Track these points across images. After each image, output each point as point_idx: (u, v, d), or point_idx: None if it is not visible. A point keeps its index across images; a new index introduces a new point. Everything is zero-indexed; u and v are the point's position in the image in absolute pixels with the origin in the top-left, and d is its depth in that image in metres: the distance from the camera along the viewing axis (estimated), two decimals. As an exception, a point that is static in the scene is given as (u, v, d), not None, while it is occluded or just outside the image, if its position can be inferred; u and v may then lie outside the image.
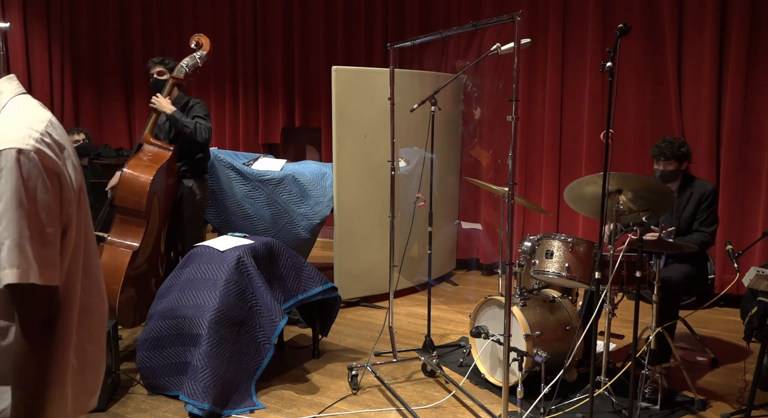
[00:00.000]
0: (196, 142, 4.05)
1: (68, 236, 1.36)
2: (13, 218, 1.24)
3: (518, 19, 2.47)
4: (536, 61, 5.40)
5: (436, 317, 4.55)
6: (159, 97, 4.02)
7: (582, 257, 3.17)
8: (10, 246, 1.24)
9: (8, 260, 1.23)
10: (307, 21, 6.52)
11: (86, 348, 1.48)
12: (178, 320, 3.24)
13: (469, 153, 5.74)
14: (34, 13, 7.03)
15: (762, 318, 3.50)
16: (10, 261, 1.24)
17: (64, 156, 1.36)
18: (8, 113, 1.34)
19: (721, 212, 4.68)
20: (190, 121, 3.97)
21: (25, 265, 1.24)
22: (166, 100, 4.02)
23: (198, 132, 3.95)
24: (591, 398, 2.66)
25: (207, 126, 4.01)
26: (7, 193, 1.23)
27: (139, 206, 3.72)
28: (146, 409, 3.19)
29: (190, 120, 3.99)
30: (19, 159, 1.24)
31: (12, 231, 1.24)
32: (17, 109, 1.35)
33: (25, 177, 1.25)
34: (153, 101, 4.03)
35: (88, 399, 1.51)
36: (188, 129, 3.95)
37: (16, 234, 1.24)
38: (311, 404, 3.28)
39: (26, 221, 1.25)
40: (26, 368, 1.27)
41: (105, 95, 7.48)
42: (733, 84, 4.66)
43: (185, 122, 3.96)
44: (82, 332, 1.45)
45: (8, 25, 6.44)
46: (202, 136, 3.97)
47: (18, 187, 1.24)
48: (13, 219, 1.24)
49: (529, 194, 5.57)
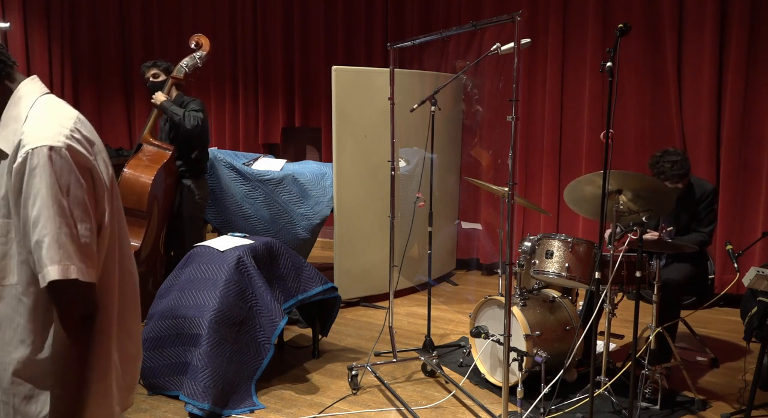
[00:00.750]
0: (196, 140, 4.06)
1: (103, 231, 1.35)
2: (50, 216, 1.23)
3: (518, 19, 2.47)
4: (536, 61, 5.40)
5: (436, 317, 4.55)
6: (157, 94, 4.07)
7: (582, 257, 3.17)
8: (50, 243, 1.23)
9: (49, 256, 1.23)
10: (307, 21, 6.52)
11: (125, 344, 1.47)
12: (178, 320, 3.24)
13: (469, 153, 5.74)
14: (34, 13, 7.03)
15: (762, 318, 3.50)
16: (51, 258, 1.23)
17: (95, 151, 1.36)
18: (37, 112, 1.33)
19: (721, 212, 4.69)
20: (179, 110, 4.00)
21: (66, 261, 1.23)
22: (161, 94, 4.07)
23: (186, 119, 3.98)
24: (591, 398, 2.66)
25: (197, 116, 4.02)
26: (42, 190, 1.23)
27: (140, 206, 3.73)
28: (146, 409, 3.19)
29: (179, 108, 4.01)
30: (51, 156, 1.24)
31: (51, 228, 1.23)
32: (45, 108, 1.35)
33: (58, 174, 1.24)
34: (153, 99, 4.07)
35: (128, 395, 1.51)
36: (177, 116, 3.98)
37: (54, 231, 1.23)
38: (311, 404, 3.28)
39: (63, 217, 1.24)
40: (65, 365, 1.26)
41: (105, 95, 7.48)
42: (733, 84, 4.66)
43: (174, 110, 3.99)
44: (121, 329, 1.45)
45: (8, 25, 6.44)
46: (190, 123, 3.98)
47: (52, 184, 1.23)
48: (50, 216, 1.23)
49: (529, 194, 5.57)
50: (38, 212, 1.22)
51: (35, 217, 1.23)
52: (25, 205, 1.24)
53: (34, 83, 1.39)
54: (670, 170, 3.44)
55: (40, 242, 1.23)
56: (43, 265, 1.23)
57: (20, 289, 1.30)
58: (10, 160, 1.27)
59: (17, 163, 1.24)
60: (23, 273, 1.30)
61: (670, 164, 3.45)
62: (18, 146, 1.26)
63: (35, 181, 1.23)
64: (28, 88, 1.37)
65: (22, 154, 1.24)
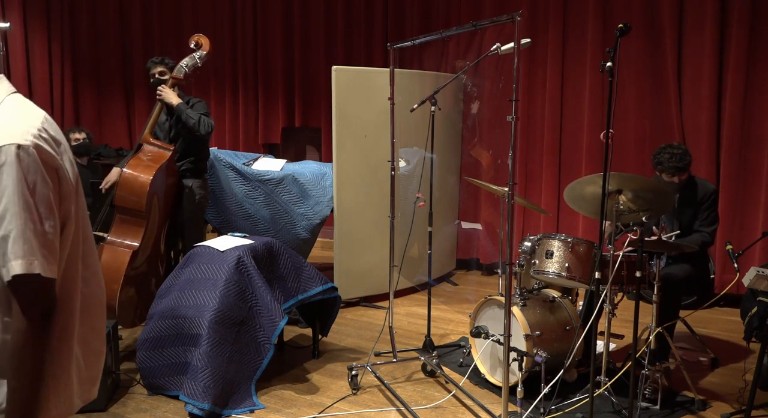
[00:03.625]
0: (196, 140, 4.06)
1: (67, 228, 1.39)
2: (16, 212, 1.26)
3: (518, 19, 2.47)
4: (536, 61, 5.40)
5: (436, 317, 4.55)
6: (166, 89, 4.04)
7: (582, 257, 3.17)
8: (15, 238, 1.26)
9: (13, 251, 1.26)
10: (307, 21, 6.52)
11: (87, 338, 1.51)
12: (178, 320, 3.24)
13: (469, 153, 5.74)
14: (34, 13, 7.03)
15: (762, 318, 3.50)
16: (15, 252, 1.26)
17: (61, 150, 1.39)
18: (4, 111, 1.36)
19: (721, 212, 4.67)
20: (195, 114, 4.00)
21: (30, 256, 1.27)
22: (173, 92, 4.04)
23: (201, 125, 3.99)
24: (591, 398, 2.66)
25: (210, 122, 4.05)
26: (9, 187, 1.26)
27: (139, 206, 3.72)
28: (146, 409, 3.19)
29: (194, 112, 4.02)
30: (18, 154, 1.27)
31: (16, 224, 1.26)
32: (13, 106, 1.38)
33: (25, 171, 1.27)
34: (160, 92, 4.04)
35: (90, 388, 1.54)
36: (192, 120, 3.97)
37: (20, 227, 1.26)
38: (311, 404, 3.28)
39: (28, 214, 1.27)
40: (23, 359, 1.29)
41: (105, 95, 7.48)
42: (733, 84, 4.66)
43: (190, 114, 3.99)
44: (83, 323, 1.48)
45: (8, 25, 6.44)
46: (204, 130, 4.00)
47: (19, 181, 1.26)
48: (16, 212, 1.26)
49: (529, 194, 5.57)
50: (4, 207, 1.26)
51: (1, 212, 1.26)
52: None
53: (1, 83, 1.42)
54: (668, 162, 3.47)
55: (5, 237, 1.26)
56: (7, 259, 1.26)
57: None
58: None
59: None
60: None
61: (669, 156, 3.47)
62: None
63: (2, 177, 1.26)
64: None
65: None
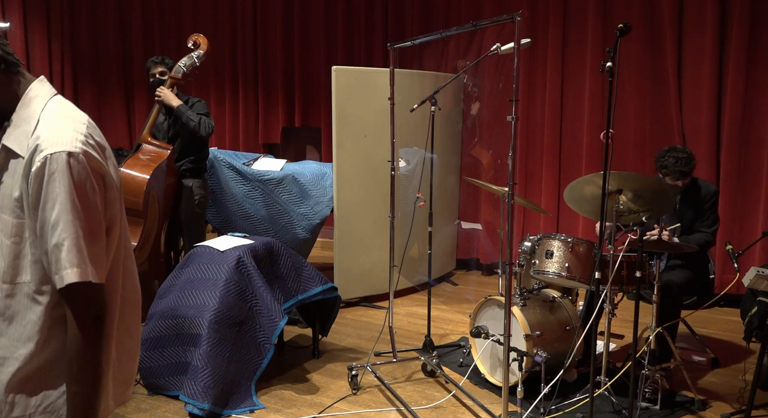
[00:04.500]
0: (195, 140, 4.06)
1: (113, 234, 1.40)
2: (69, 220, 1.28)
3: (518, 19, 2.47)
4: (536, 61, 5.40)
5: (436, 317, 4.55)
6: (165, 90, 4.04)
7: (582, 257, 3.17)
8: (69, 246, 1.28)
9: (68, 259, 1.28)
10: (307, 21, 6.52)
11: (124, 340, 1.53)
12: (178, 320, 3.24)
13: (469, 153, 5.74)
14: (34, 13, 7.03)
15: (762, 318, 3.49)
16: (71, 261, 1.28)
17: (107, 156, 1.41)
18: (50, 115, 1.37)
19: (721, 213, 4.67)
20: (195, 116, 4.00)
21: (83, 264, 1.29)
22: (172, 94, 4.04)
23: (202, 126, 3.99)
24: (591, 398, 2.66)
25: (210, 123, 4.05)
26: (61, 195, 1.27)
27: (136, 205, 3.73)
28: (146, 409, 3.19)
29: (195, 114, 4.01)
30: (69, 162, 1.29)
31: (70, 232, 1.28)
32: (57, 111, 1.39)
33: (76, 179, 1.29)
34: (158, 93, 4.04)
35: (126, 390, 1.56)
36: (193, 122, 3.97)
37: (73, 235, 1.28)
38: (311, 404, 3.27)
39: (80, 221, 1.29)
40: (83, 364, 1.31)
41: (105, 95, 7.48)
42: (733, 85, 4.66)
43: (190, 116, 3.98)
44: (121, 326, 1.50)
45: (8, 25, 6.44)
46: (205, 131, 4.01)
47: (71, 189, 1.28)
48: (69, 220, 1.28)
49: (529, 194, 5.57)
50: (57, 215, 1.27)
51: (54, 220, 1.27)
52: (43, 209, 1.28)
53: (43, 85, 1.44)
54: (673, 165, 3.44)
55: (59, 244, 1.28)
56: (62, 267, 1.28)
57: (33, 287, 1.35)
58: (26, 163, 1.30)
59: (35, 167, 1.28)
60: (36, 272, 1.34)
61: (674, 159, 3.44)
62: (35, 150, 1.29)
63: (54, 185, 1.27)
64: (38, 90, 1.41)
65: (41, 158, 1.28)
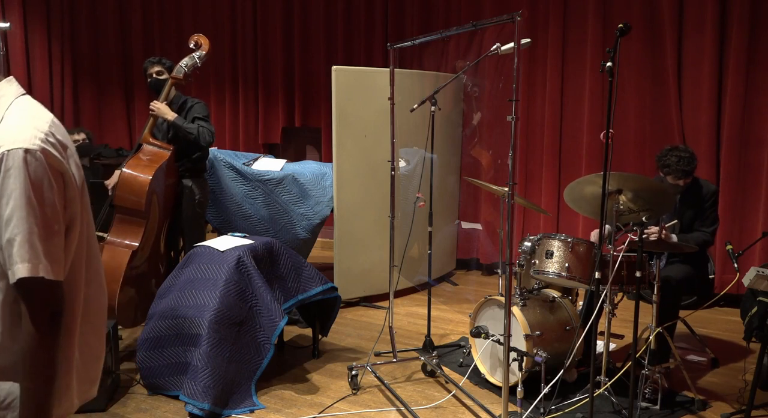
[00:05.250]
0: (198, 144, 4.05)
1: (72, 232, 1.41)
2: (22, 216, 1.28)
3: (518, 19, 2.47)
4: (536, 61, 5.40)
5: (436, 317, 4.55)
6: (158, 104, 4.01)
7: (582, 257, 3.17)
8: (21, 242, 1.28)
9: (19, 254, 1.28)
10: (307, 21, 6.52)
11: (88, 340, 1.53)
12: (178, 320, 3.24)
13: (469, 153, 5.74)
14: (34, 13, 7.03)
15: (762, 318, 3.50)
16: (21, 256, 1.28)
17: (68, 154, 1.41)
18: (13, 115, 1.38)
19: (721, 212, 4.68)
20: (193, 127, 3.98)
21: (35, 259, 1.29)
22: (165, 107, 4.01)
23: (201, 136, 3.98)
24: (591, 398, 2.66)
25: (210, 129, 4.03)
26: (16, 191, 1.28)
27: (138, 206, 3.72)
28: (146, 409, 3.19)
29: (193, 125, 3.99)
30: (26, 159, 1.29)
31: (22, 228, 1.28)
32: (22, 110, 1.39)
33: (32, 176, 1.29)
34: (152, 108, 4.01)
35: (90, 388, 1.57)
36: (192, 135, 3.97)
37: (26, 231, 1.28)
38: (311, 404, 3.27)
39: (34, 218, 1.29)
40: (36, 361, 1.31)
41: (105, 95, 7.48)
42: (733, 85, 4.66)
43: (188, 129, 3.97)
44: (84, 324, 1.50)
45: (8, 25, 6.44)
46: (205, 141, 4.00)
47: (26, 185, 1.28)
48: (22, 216, 1.28)
49: (529, 194, 5.57)
50: (11, 211, 1.28)
51: (8, 216, 1.28)
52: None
53: (10, 85, 1.44)
54: (676, 164, 3.44)
55: (11, 240, 1.28)
56: (13, 262, 1.28)
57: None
58: None
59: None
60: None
61: (677, 159, 3.45)
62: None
63: (10, 181, 1.28)
64: (4, 90, 1.41)
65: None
